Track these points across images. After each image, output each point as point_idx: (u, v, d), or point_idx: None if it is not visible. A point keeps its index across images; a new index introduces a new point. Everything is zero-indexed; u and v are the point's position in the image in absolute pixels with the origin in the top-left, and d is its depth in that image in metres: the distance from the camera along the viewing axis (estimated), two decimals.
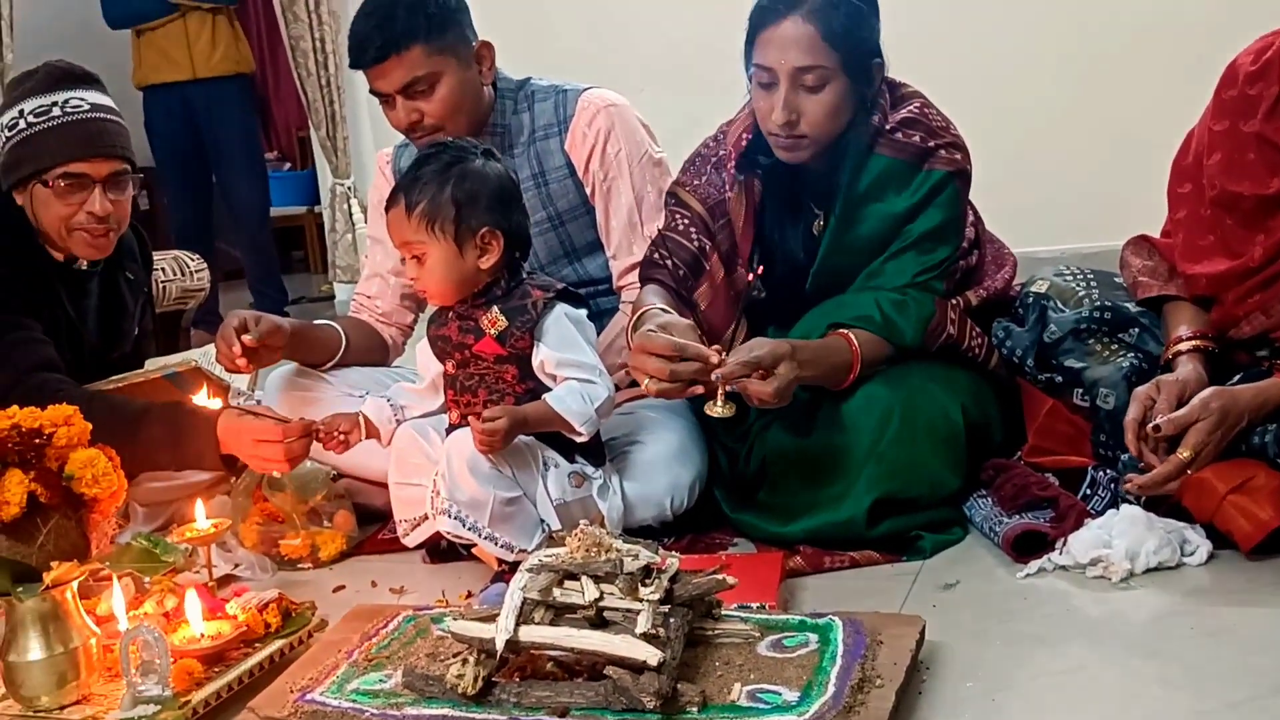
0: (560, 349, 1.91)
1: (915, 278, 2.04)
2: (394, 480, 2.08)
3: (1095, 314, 2.02)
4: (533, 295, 1.94)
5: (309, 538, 2.23)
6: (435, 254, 1.92)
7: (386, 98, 2.27)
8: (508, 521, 1.93)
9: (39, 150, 2.14)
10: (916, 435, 1.96)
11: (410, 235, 1.92)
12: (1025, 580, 1.80)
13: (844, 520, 1.91)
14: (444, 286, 1.95)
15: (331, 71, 4.97)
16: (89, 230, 2.17)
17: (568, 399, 1.90)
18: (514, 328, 1.92)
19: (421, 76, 2.22)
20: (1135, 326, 2.00)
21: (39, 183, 2.15)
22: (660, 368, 1.81)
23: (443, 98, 2.24)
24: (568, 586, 1.44)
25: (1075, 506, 1.88)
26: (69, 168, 2.14)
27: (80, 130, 2.16)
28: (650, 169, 2.38)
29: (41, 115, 2.15)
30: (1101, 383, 1.94)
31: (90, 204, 2.14)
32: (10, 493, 1.48)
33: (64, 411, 1.55)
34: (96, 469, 1.55)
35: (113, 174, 2.18)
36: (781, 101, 1.95)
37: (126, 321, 2.41)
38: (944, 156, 2.04)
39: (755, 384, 1.83)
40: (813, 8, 1.93)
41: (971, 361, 2.11)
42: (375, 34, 2.21)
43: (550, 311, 1.93)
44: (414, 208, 1.91)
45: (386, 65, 2.21)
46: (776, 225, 2.14)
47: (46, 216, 2.17)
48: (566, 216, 2.39)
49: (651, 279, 2.13)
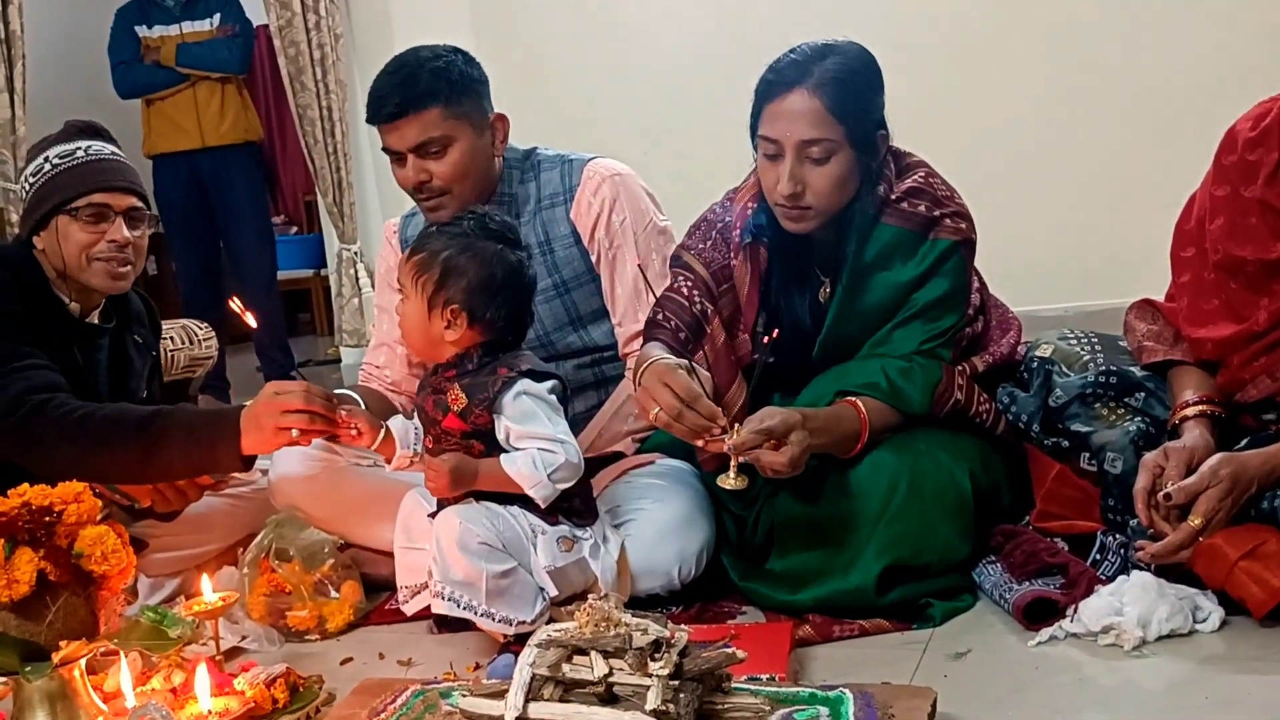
0: (520, 422, 1.92)
1: (922, 345, 2.05)
2: (399, 545, 2.08)
3: (1101, 379, 2.02)
4: (497, 374, 1.95)
5: (316, 609, 2.22)
6: (408, 306, 1.99)
7: (398, 155, 2.30)
8: (504, 595, 1.93)
9: (65, 184, 2.27)
10: (925, 502, 1.96)
11: (401, 277, 2.01)
12: (1037, 649, 1.78)
13: (853, 588, 1.91)
14: (410, 339, 2.04)
15: (339, 139, 5.02)
16: (110, 259, 2.26)
17: (519, 462, 1.91)
18: (473, 404, 1.94)
19: (435, 138, 2.25)
20: (1141, 391, 2.01)
21: (64, 214, 2.26)
22: (671, 404, 1.84)
23: (453, 161, 2.28)
24: (577, 662, 1.43)
25: (1085, 573, 1.87)
26: (92, 198, 2.26)
27: (103, 166, 2.30)
28: (655, 238, 2.41)
29: (65, 157, 2.29)
30: (1109, 447, 1.93)
31: (112, 233, 2.26)
32: (20, 571, 1.48)
33: (74, 488, 1.56)
34: (106, 546, 1.55)
35: (132, 208, 2.31)
36: (787, 173, 1.98)
37: (133, 380, 2.44)
38: (949, 225, 2.06)
39: (768, 455, 1.84)
40: (819, 81, 1.95)
41: (979, 427, 2.11)
42: (395, 92, 2.25)
43: (509, 389, 1.93)
44: (414, 254, 1.98)
45: (402, 123, 2.25)
46: (783, 292, 2.15)
47: (68, 248, 2.26)
48: (572, 284, 2.41)
49: (654, 338, 2.15)
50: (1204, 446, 1.84)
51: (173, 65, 5.02)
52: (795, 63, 1.98)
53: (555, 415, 1.96)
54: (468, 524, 1.90)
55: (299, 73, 4.98)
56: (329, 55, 4.96)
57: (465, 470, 1.94)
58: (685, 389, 1.85)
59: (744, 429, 1.84)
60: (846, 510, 1.98)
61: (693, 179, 3.01)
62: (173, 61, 5.01)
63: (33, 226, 2.31)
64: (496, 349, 1.98)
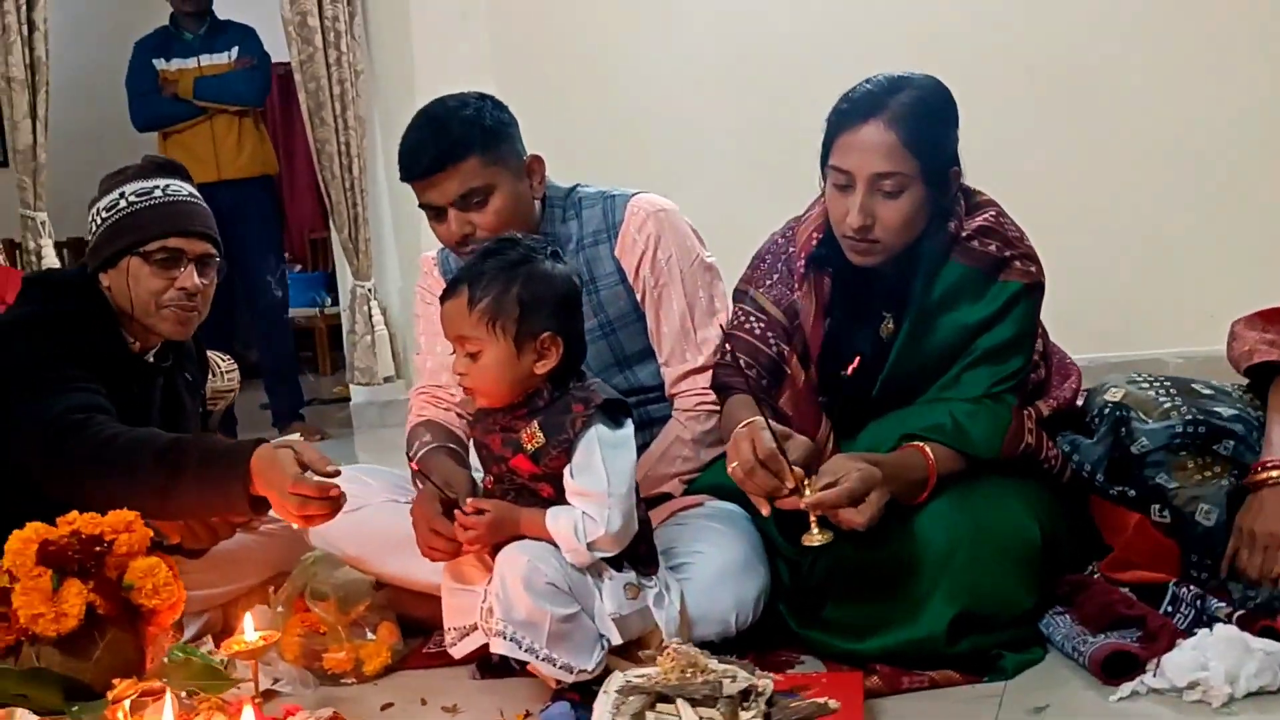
0: (577, 474, 1.84)
1: (990, 389, 2.00)
2: (447, 586, 2.00)
3: (1189, 427, 1.96)
4: (573, 410, 1.86)
5: (353, 650, 2.13)
6: (491, 353, 1.86)
7: (438, 211, 2.22)
8: (565, 640, 1.84)
9: (141, 224, 2.22)
10: (991, 550, 1.89)
11: (468, 330, 1.86)
12: (1119, 704, 1.71)
13: (922, 637, 1.84)
14: (496, 387, 1.88)
15: (355, 174, 4.96)
16: (179, 307, 2.22)
17: (562, 521, 1.83)
18: (550, 446, 1.86)
19: (477, 188, 2.18)
20: (1230, 438, 1.95)
21: (137, 255, 2.21)
22: (746, 461, 1.81)
23: (497, 209, 2.19)
24: (660, 710, 1.36)
25: (1166, 626, 1.80)
26: (167, 243, 2.22)
27: (180, 209, 2.26)
28: (702, 273, 2.35)
29: (143, 195, 2.24)
30: (1203, 499, 1.90)
31: (184, 280, 2.21)
32: (69, 604, 1.41)
33: (125, 517, 1.48)
34: (158, 579, 1.47)
35: (204, 254, 2.27)
36: (858, 206, 1.93)
37: (185, 421, 2.40)
38: (1019, 268, 2.01)
39: (848, 513, 1.81)
40: (895, 115, 1.91)
41: (1044, 474, 2.05)
42: (430, 145, 2.17)
43: (585, 432, 1.85)
44: (476, 302, 1.85)
45: (441, 176, 2.17)
46: (844, 326, 2.10)
47: (138, 291, 2.21)
48: (618, 324, 2.35)
49: (731, 387, 2.09)
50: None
51: (190, 98, 4.99)
52: (870, 94, 1.94)
53: (621, 471, 1.87)
54: (536, 562, 1.82)
55: (318, 108, 4.93)
56: (349, 91, 4.91)
57: (506, 521, 1.87)
58: (762, 449, 1.81)
59: (818, 484, 1.79)
60: (909, 557, 1.91)
61: (717, 219, 2.95)
62: (190, 95, 4.98)
63: (101, 263, 2.26)
64: (565, 377, 1.90)
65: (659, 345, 2.35)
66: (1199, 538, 1.88)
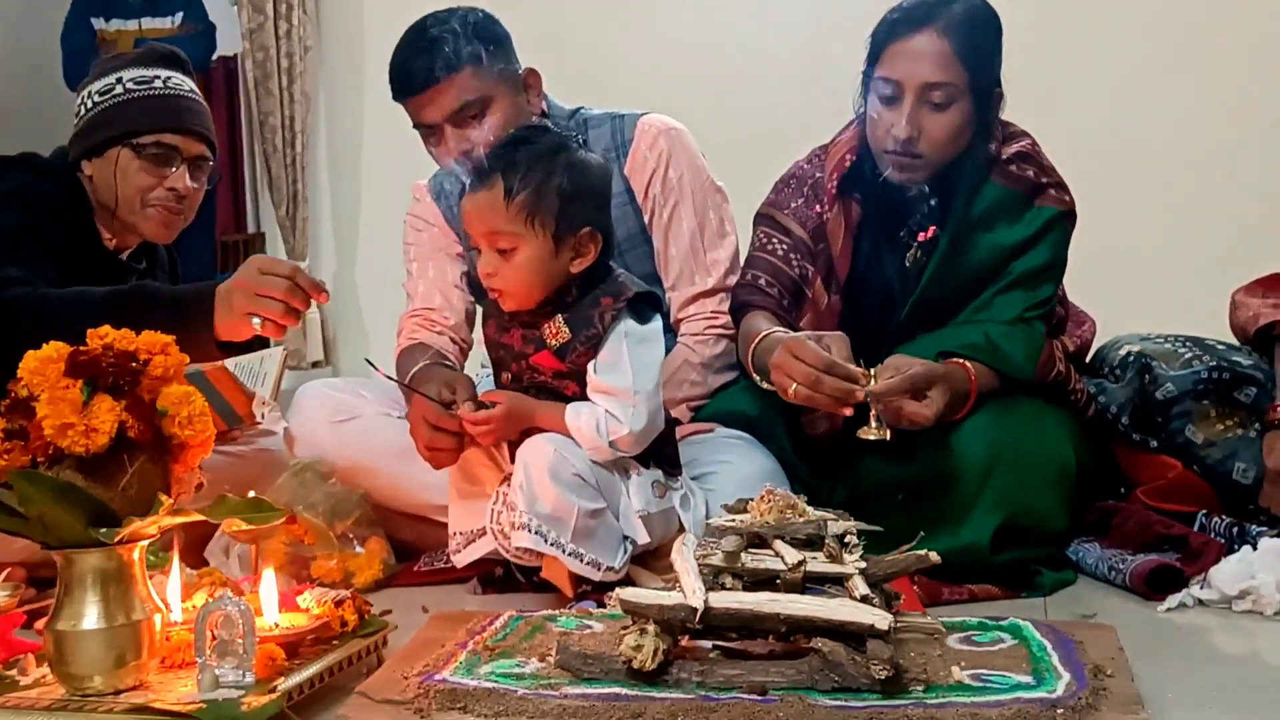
0: (602, 372, 1.74)
1: (1023, 313, 1.97)
2: (455, 485, 1.88)
3: (1214, 373, 1.97)
4: (601, 304, 1.76)
5: (343, 560, 1.99)
6: (528, 250, 1.73)
7: (433, 129, 2.13)
8: (591, 536, 1.74)
9: (138, 113, 2.09)
10: (1031, 466, 1.86)
11: (503, 225, 1.73)
12: (1166, 614, 1.68)
13: (965, 545, 1.78)
14: (528, 288, 1.76)
15: (298, 151, 4.80)
16: (165, 207, 2.11)
17: (584, 417, 1.73)
18: (577, 341, 1.75)
19: (473, 101, 2.09)
20: (1252, 384, 1.97)
21: (128, 147, 2.08)
22: (807, 374, 1.72)
23: (495, 124, 2.10)
24: (754, 553, 1.27)
25: (1210, 543, 1.79)
26: (163, 137, 2.10)
27: (181, 104, 2.14)
28: (712, 194, 2.30)
29: (143, 84, 2.11)
30: (1237, 458, 1.92)
31: (175, 180, 2.10)
32: (100, 419, 1.25)
33: (160, 339, 1.34)
34: (193, 408, 1.33)
35: (199, 156, 2.15)
36: (906, 116, 1.90)
37: None
38: (1054, 195, 2.01)
39: (913, 405, 1.76)
40: (948, 24, 1.89)
41: (1072, 406, 2.03)
42: (423, 57, 2.09)
43: (615, 326, 1.75)
44: (514, 194, 1.71)
45: (436, 90, 2.08)
46: (873, 252, 2.06)
47: (124, 185, 2.08)
48: (625, 246, 2.26)
49: (751, 304, 2.02)
50: None
51: None
52: (924, 3, 1.92)
53: (648, 365, 1.77)
54: (562, 452, 1.72)
55: (264, 78, 4.77)
56: (296, 65, 4.77)
57: (521, 413, 1.76)
58: (817, 358, 1.73)
59: (882, 376, 1.73)
60: (948, 471, 1.87)
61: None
62: None
63: (86, 150, 2.12)
64: (595, 275, 1.80)
65: (666, 268, 2.27)
66: (1240, 494, 1.90)
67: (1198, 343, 2.07)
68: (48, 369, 1.30)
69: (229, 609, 1.33)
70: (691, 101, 3.40)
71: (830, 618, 1.17)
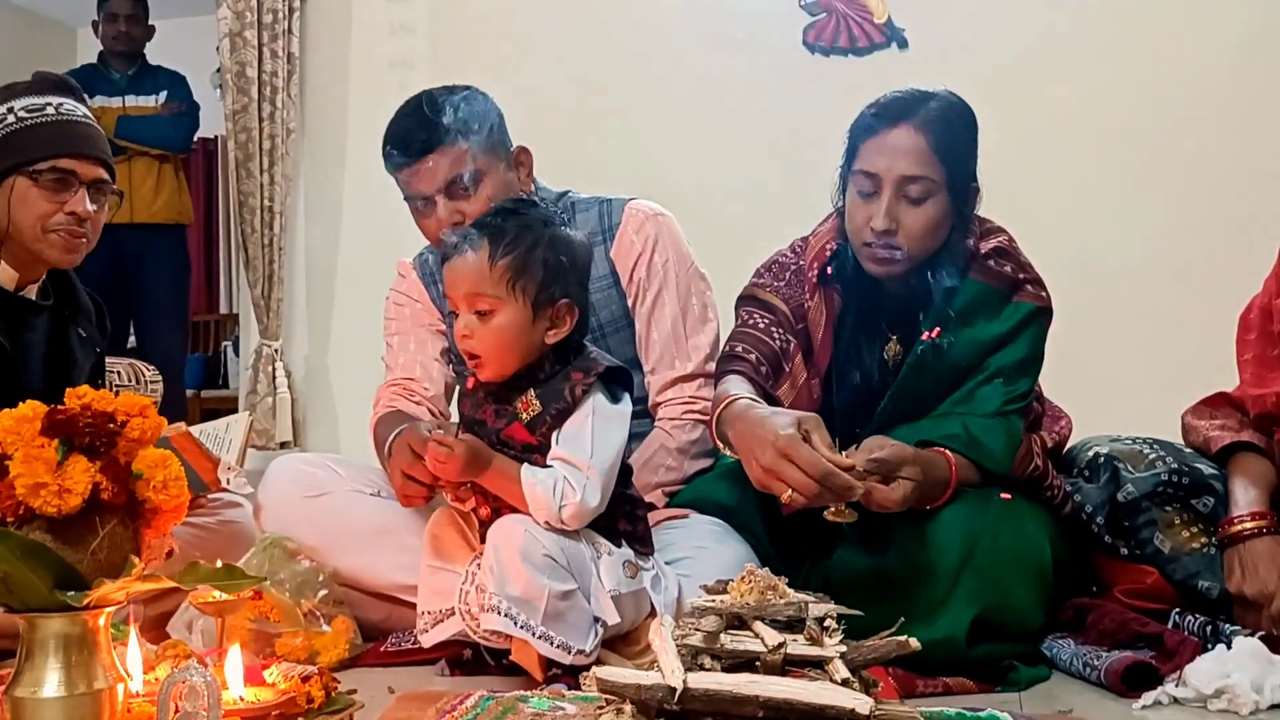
0: (563, 442, 1.75)
1: (1002, 407, 1.99)
2: (426, 563, 1.86)
3: (1174, 476, 1.98)
4: (572, 378, 1.77)
5: (309, 638, 1.95)
6: (507, 314, 1.75)
7: (425, 200, 2.15)
8: (561, 619, 1.72)
9: (30, 142, 2.07)
10: (1005, 562, 1.85)
11: (486, 287, 1.75)
12: (1142, 712, 1.67)
13: (942, 638, 1.76)
14: (503, 353, 1.77)
15: (276, 232, 4.81)
16: (67, 232, 2.07)
17: (540, 480, 1.73)
18: (547, 414, 1.76)
19: (466, 173, 2.11)
20: (1210, 495, 1.98)
21: (24, 175, 2.06)
22: (807, 485, 1.68)
23: (487, 197, 2.12)
24: (733, 634, 1.25)
25: (1186, 642, 1.78)
26: (59, 162, 2.07)
27: (75, 129, 2.11)
28: (696, 281, 2.32)
29: (35, 112, 2.09)
30: (1200, 576, 1.92)
31: (74, 204, 2.07)
32: (74, 480, 1.23)
33: (140, 401, 1.33)
34: (169, 472, 1.31)
35: (97, 180, 2.12)
36: (883, 209, 1.93)
37: (75, 373, 2.20)
38: (1031, 291, 2.04)
39: (881, 490, 1.75)
40: (924, 120, 1.94)
41: (1048, 503, 2.03)
42: (420, 129, 2.12)
43: (584, 400, 1.76)
44: (499, 258, 1.74)
45: (431, 158, 2.10)
46: (853, 343, 2.08)
47: (23, 213, 2.05)
48: (608, 329, 2.29)
49: (731, 371, 2.02)
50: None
51: (110, 137, 4.81)
52: (900, 99, 1.97)
53: (611, 437, 1.77)
54: (533, 534, 1.71)
55: (246, 159, 4.80)
56: (279, 147, 4.81)
57: (480, 457, 1.75)
58: (815, 467, 1.68)
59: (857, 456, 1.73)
60: (923, 563, 1.86)
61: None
62: (111, 133, 4.81)
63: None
64: (568, 350, 1.81)
65: (646, 351, 2.28)
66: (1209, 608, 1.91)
67: (1165, 445, 2.08)
68: (23, 427, 1.28)
69: (194, 680, 1.29)
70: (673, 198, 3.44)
71: (811, 701, 1.15)
